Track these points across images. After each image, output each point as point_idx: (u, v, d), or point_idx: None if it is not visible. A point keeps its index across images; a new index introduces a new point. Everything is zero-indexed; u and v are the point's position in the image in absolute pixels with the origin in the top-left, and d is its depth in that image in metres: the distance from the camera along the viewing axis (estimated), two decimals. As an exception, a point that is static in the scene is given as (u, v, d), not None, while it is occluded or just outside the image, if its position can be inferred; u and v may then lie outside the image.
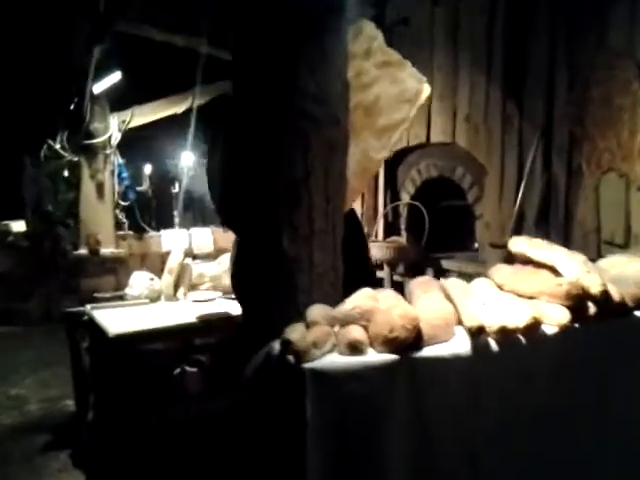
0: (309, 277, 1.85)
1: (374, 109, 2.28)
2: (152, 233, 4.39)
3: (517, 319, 1.53)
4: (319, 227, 1.86)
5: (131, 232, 4.29)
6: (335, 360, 1.44)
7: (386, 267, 4.04)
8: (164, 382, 3.47)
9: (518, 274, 1.79)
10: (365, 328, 1.50)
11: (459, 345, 1.51)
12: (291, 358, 1.44)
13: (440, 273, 3.51)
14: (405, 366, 1.44)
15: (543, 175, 2.91)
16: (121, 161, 4.18)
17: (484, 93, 3.31)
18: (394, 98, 2.30)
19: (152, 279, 4.04)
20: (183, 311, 3.71)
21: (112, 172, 4.14)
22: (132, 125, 4.16)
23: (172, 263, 4.13)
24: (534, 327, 1.56)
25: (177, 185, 6.29)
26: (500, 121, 3.18)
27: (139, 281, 4.04)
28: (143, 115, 4.24)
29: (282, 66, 1.93)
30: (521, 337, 1.55)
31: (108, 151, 4.10)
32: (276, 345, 1.53)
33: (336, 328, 1.54)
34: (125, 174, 4.18)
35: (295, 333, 1.48)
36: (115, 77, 3.95)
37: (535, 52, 2.97)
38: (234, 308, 3.75)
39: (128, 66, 4.01)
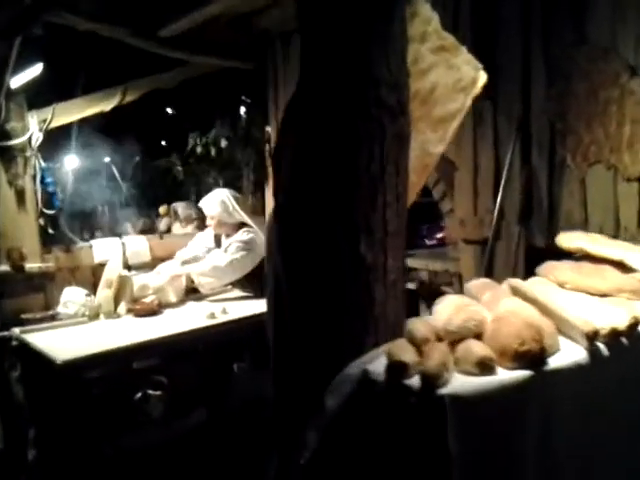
0: (384, 286, 1.66)
1: (430, 98, 2.12)
2: (81, 244, 3.97)
3: (618, 320, 1.46)
4: (392, 229, 1.68)
5: (57, 244, 3.84)
6: (468, 382, 1.28)
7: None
8: (120, 408, 3.13)
9: (582, 271, 1.72)
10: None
11: (574, 353, 1.41)
12: (414, 383, 1.26)
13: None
14: (537, 381, 1.31)
15: (522, 170, 2.90)
16: (44, 164, 3.73)
17: None
18: (450, 86, 2.14)
19: (88, 295, 3.64)
20: (129, 329, 3.37)
21: (34, 177, 3.68)
22: (55, 124, 3.72)
23: (110, 275, 3.76)
24: (634, 327, 1.49)
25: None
26: (471, 115, 3.14)
27: (73, 298, 3.63)
28: (67, 113, 3.80)
29: (355, 51, 1.73)
30: (624, 339, 1.47)
31: (28, 153, 3.64)
32: (376, 368, 1.34)
33: (443, 344, 1.38)
34: (49, 179, 3.73)
35: (406, 353, 1.30)
36: (36, 70, 3.50)
37: (507, 43, 2.93)
38: (183, 321, 3.48)
39: (48, 58, 3.58)
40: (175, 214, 7.64)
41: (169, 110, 9.18)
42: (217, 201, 4.03)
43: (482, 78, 2.20)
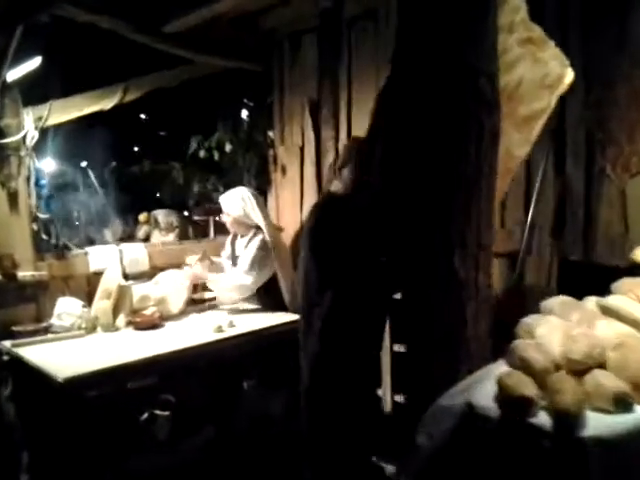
0: (475, 304, 1.50)
1: (516, 94, 1.96)
2: (76, 251, 3.71)
3: None
4: (485, 242, 1.52)
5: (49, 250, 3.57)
6: (607, 422, 1.12)
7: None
8: (124, 430, 2.89)
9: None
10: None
11: None
12: (543, 422, 1.09)
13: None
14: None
15: (556, 180, 2.79)
16: (39, 165, 3.47)
17: None
18: (536, 83, 1.98)
19: (85, 306, 3.39)
20: (130, 343, 3.14)
21: (27, 178, 3.42)
22: (51, 122, 3.48)
23: (108, 285, 3.51)
24: None
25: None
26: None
27: (69, 309, 3.37)
28: (64, 111, 3.56)
29: (453, 36, 1.57)
30: None
31: (23, 153, 3.38)
32: (481, 401, 1.16)
33: (569, 376, 1.21)
34: (44, 181, 3.48)
35: (526, 386, 1.14)
36: (34, 63, 3.26)
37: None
38: (187, 335, 3.26)
39: (46, 52, 3.34)
40: (155, 222, 7.38)
41: (142, 116, 8.92)
42: (237, 199, 3.80)
43: (569, 75, 2.05)
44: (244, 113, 4.37)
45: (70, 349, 3.07)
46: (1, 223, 3.31)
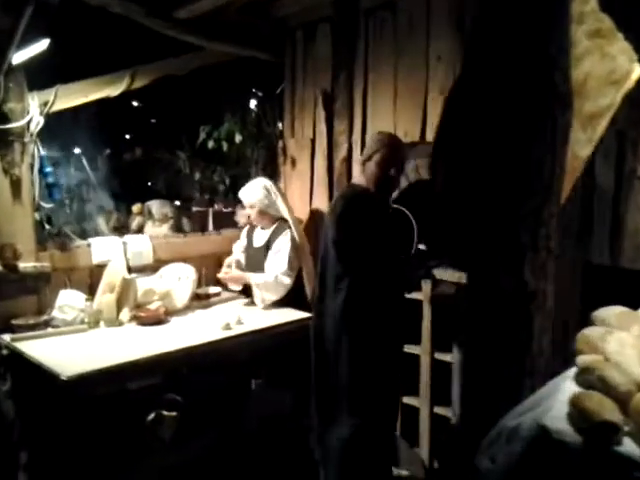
0: (542, 316, 1.40)
1: (582, 91, 1.85)
2: (78, 242, 3.58)
3: None
4: (554, 247, 1.43)
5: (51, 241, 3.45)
6: None
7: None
8: (130, 431, 2.78)
9: None
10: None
11: None
12: (633, 452, 1.00)
13: (434, 284, 3.18)
14: None
15: (584, 179, 2.69)
16: (43, 153, 3.34)
17: None
18: (602, 78, 1.88)
19: (88, 299, 3.27)
20: (136, 339, 3.03)
21: (31, 166, 3.29)
22: (57, 108, 3.34)
23: (112, 278, 3.39)
24: None
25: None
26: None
27: (71, 302, 3.25)
28: (70, 97, 3.43)
29: (534, 24, 1.46)
30: None
31: (27, 139, 3.25)
32: (556, 424, 1.06)
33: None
34: (49, 169, 3.34)
35: (609, 410, 1.04)
36: (41, 45, 3.11)
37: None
38: (195, 332, 3.15)
39: (52, 34, 3.20)
40: (149, 213, 7.24)
41: (135, 103, 8.74)
42: (260, 189, 3.69)
43: (637, 71, 1.94)
44: (252, 103, 4.23)
45: (73, 344, 2.96)
46: (3, 212, 3.18)
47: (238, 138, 4.07)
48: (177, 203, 7.23)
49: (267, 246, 3.68)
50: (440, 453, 2.89)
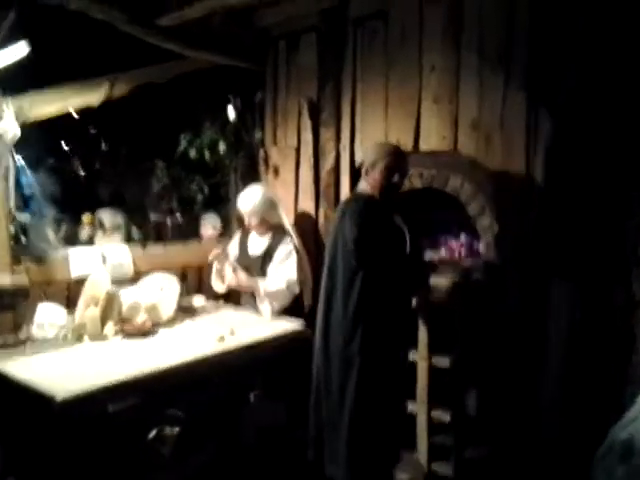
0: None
1: None
2: (54, 254, 3.40)
3: None
4: None
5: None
6: None
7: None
8: (129, 452, 2.63)
9: None
10: None
11: None
12: None
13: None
14: None
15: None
16: (20, 163, 3.16)
17: (500, 96, 3.07)
18: None
19: (69, 313, 3.10)
20: (126, 354, 2.88)
21: (5, 177, 3.10)
22: (34, 117, 3.17)
23: (95, 291, 3.22)
24: None
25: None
26: (524, 128, 2.94)
27: (51, 318, 3.07)
28: (46, 104, 3.25)
29: None
30: None
31: (1, 149, 3.07)
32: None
33: None
34: (26, 180, 3.16)
35: None
36: (20, 50, 2.95)
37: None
38: (188, 345, 3.02)
39: (30, 38, 3.03)
40: (100, 224, 6.95)
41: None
42: (260, 195, 3.61)
43: None
44: (230, 111, 4.13)
45: (59, 362, 2.77)
46: (-21, 224, 2.99)
47: (222, 147, 3.99)
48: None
49: (266, 254, 3.60)
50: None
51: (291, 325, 3.43)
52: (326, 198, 3.76)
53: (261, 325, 3.40)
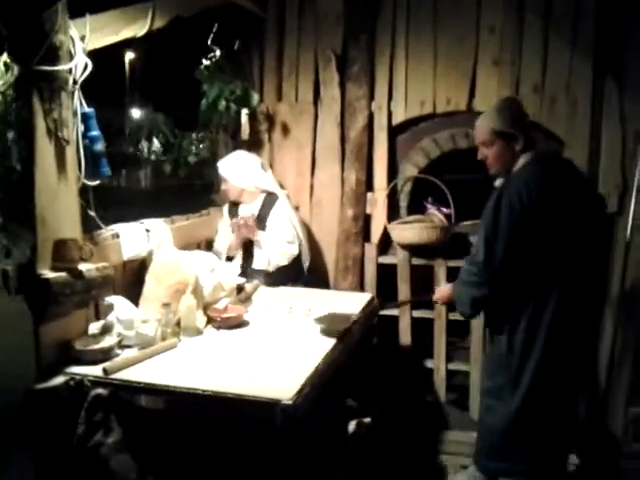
0: None
1: None
2: (104, 231, 2.64)
3: None
4: None
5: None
6: None
7: (402, 250, 3.47)
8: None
9: None
10: None
11: None
12: None
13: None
14: None
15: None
16: (88, 109, 2.35)
17: (567, 61, 3.14)
18: None
19: (168, 305, 2.48)
20: (245, 348, 2.44)
21: (75, 128, 2.30)
22: (91, 47, 2.37)
23: (179, 275, 2.63)
24: None
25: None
26: (590, 95, 3.15)
27: (130, 313, 2.47)
28: (101, 31, 2.44)
29: None
30: None
31: (70, 88, 2.26)
32: None
33: None
34: (96, 132, 2.36)
35: None
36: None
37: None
38: (306, 339, 2.60)
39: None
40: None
41: None
42: (244, 163, 3.36)
43: None
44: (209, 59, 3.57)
45: (194, 365, 2.24)
46: (50, 192, 2.19)
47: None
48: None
49: (259, 221, 3.34)
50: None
51: (364, 295, 3.26)
52: (357, 160, 3.54)
53: (332, 299, 3.13)
